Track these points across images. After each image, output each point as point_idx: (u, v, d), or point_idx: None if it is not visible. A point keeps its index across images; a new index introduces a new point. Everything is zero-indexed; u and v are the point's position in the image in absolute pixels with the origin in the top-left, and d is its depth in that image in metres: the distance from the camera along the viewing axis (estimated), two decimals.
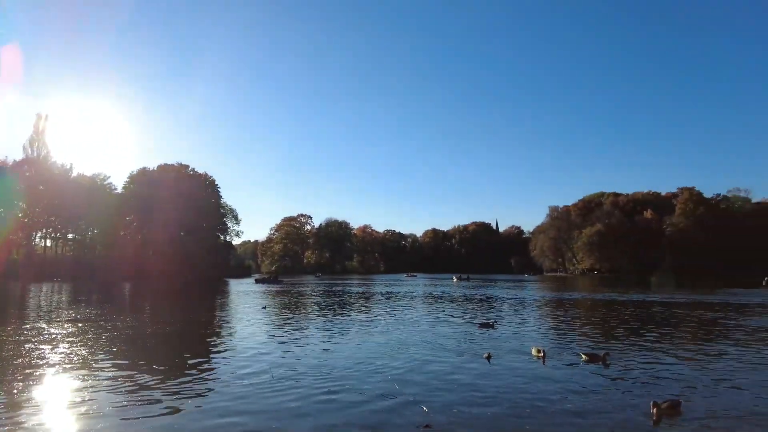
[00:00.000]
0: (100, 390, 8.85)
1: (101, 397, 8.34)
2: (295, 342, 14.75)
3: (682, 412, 7.29)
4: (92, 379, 9.74)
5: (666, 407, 7.24)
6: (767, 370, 10.58)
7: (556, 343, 14.35)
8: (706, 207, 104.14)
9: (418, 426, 6.93)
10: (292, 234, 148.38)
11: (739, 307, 25.60)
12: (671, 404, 7.34)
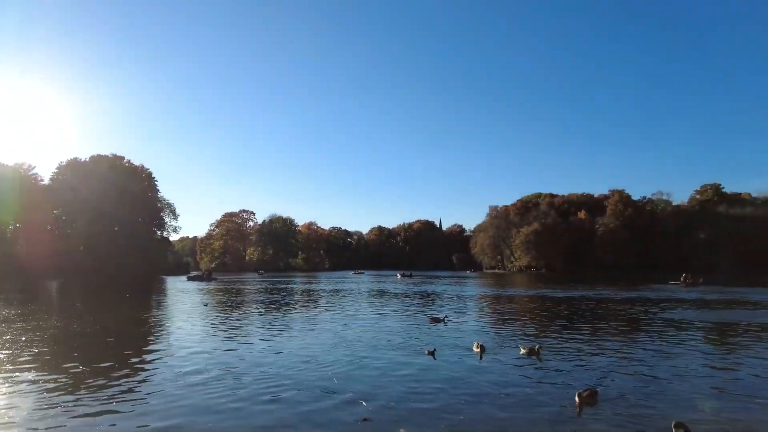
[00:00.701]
0: (17, 395, 8.31)
1: (18, 403, 7.84)
2: (235, 340, 14.48)
3: (599, 399, 7.80)
4: (9, 383, 9.12)
5: (587, 396, 7.74)
6: (679, 358, 11.50)
7: (496, 337, 14.91)
8: (633, 208, 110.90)
9: (357, 420, 7.03)
10: (233, 230, 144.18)
11: (659, 302, 27.59)
12: (590, 393, 7.86)
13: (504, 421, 7.00)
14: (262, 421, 7.04)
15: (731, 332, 16.07)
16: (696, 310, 23.00)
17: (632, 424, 6.80)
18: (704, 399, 8.14)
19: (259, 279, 69.56)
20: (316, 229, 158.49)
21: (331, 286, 47.49)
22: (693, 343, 13.92)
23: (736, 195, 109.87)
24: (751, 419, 7.06)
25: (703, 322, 18.42)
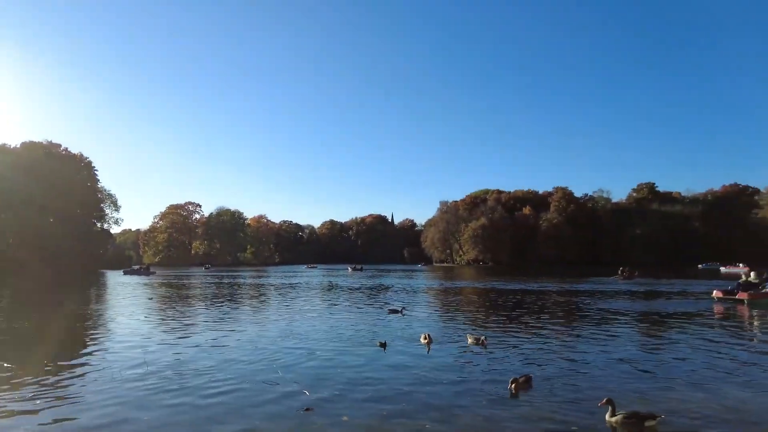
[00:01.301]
0: None
1: None
2: (179, 334, 14.05)
3: (533, 385, 8.16)
4: None
5: (522, 381, 8.07)
6: (611, 345, 12.18)
7: (444, 328, 15.21)
8: (575, 205, 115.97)
9: (299, 410, 7.01)
10: (178, 223, 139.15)
11: (596, 294, 29.04)
12: (525, 378, 8.20)
13: (445, 407, 7.18)
14: (202, 415, 6.87)
15: (659, 320, 17.15)
16: (629, 301, 24.39)
17: (564, 406, 7.15)
18: (632, 381, 8.68)
19: (206, 273, 67.62)
20: (266, 222, 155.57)
21: (281, 281, 46.88)
22: (625, 330, 14.77)
23: (668, 193, 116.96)
24: (671, 398, 7.60)
25: (635, 312, 19.56)
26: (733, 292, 23.24)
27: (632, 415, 6.28)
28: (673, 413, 6.80)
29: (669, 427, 6.31)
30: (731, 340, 12.85)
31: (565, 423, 6.48)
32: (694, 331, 14.40)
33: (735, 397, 7.64)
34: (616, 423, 6.24)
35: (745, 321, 17.46)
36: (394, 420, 6.61)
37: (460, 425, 6.40)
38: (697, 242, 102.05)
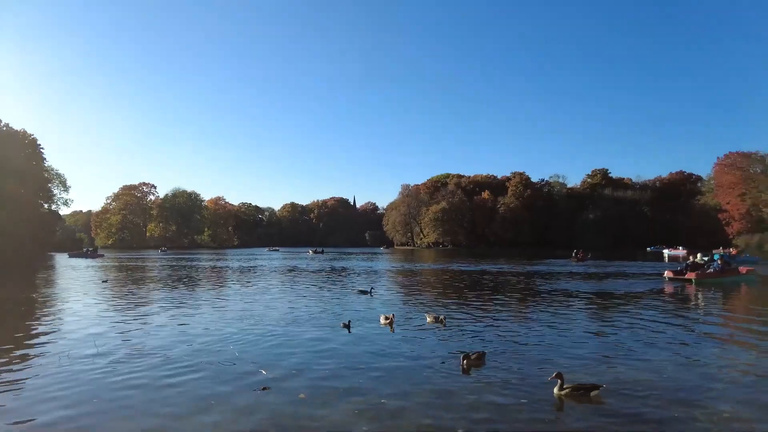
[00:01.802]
0: None
1: None
2: (133, 317, 13.65)
3: (485, 362, 8.41)
4: None
5: (474, 358, 8.30)
6: (564, 323, 12.69)
7: (405, 308, 15.43)
8: (532, 190, 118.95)
9: (256, 389, 6.99)
10: (132, 204, 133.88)
11: (551, 275, 30.06)
12: (478, 355, 8.44)
13: (402, 384, 7.33)
14: (155, 397, 6.75)
15: (611, 300, 17.97)
16: (582, 282, 25.40)
17: (514, 381, 7.42)
18: (581, 356, 9.08)
19: (162, 256, 65.68)
20: (224, 204, 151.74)
21: (240, 263, 46.16)
22: (577, 309, 15.41)
23: (620, 179, 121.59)
24: (615, 371, 8.01)
25: (588, 292, 20.40)
26: (683, 272, 24.76)
27: (579, 387, 6.59)
28: (614, 384, 7.19)
29: (610, 396, 6.66)
30: (674, 318, 13.63)
31: (515, 397, 6.73)
32: (641, 309, 15.18)
33: (672, 369, 8.13)
34: (564, 395, 6.54)
35: (691, 299, 18.57)
36: (351, 397, 6.69)
37: (415, 401, 6.55)
38: (645, 226, 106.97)
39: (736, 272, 25.54)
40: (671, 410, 6.14)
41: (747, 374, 7.85)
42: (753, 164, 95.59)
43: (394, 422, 5.76)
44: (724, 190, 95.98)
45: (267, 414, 6.04)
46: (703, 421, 5.78)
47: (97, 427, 5.67)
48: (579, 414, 6.07)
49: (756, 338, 10.97)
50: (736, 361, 8.82)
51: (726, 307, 16.97)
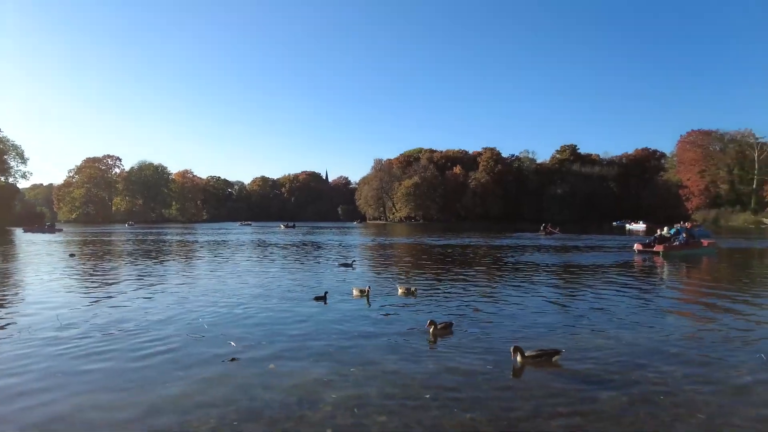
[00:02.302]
0: None
1: None
2: (97, 294, 13.30)
3: (452, 332, 8.59)
4: None
5: (441, 327, 8.46)
6: (531, 295, 13.02)
7: (377, 280, 15.53)
8: (502, 165, 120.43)
9: (224, 360, 6.96)
10: (96, 177, 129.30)
11: (520, 248, 30.70)
12: (445, 325, 8.60)
13: (371, 353, 7.41)
14: (120, 370, 6.64)
15: (580, 272, 18.49)
16: (550, 255, 26.02)
17: (479, 350, 7.59)
18: (545, 325, 9.36)
19: (129, 230, 64.11)
20: (192, 177, 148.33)
21: (210, 238, 45.49)
22: (544, 281, 15.81)
23: (588, 155, 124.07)
24: (579, 337, 8.30)
25: (555, 264, 20.93)
26: (651, 245, 25.76)
27: (540, 354, 6.79)
28: (576, 349, 7.45)
29: (571, 361, 6.91)
30: (638, 288, 14.13)
31: (481, 364, 6.90)
32: (608, 281, 15.69)
33: (631, 336, 8.47)
34: (525, 363, 6.71)
35: (656, 271, 19.32)
36: (320, 367, 6.73)
37: (383, 370, 6.64)
38: (611, 201, 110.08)
39: (700, 245, 26.81)
40: (629, 373, 6.41)
41: (701, 339, 8.25)
42: (713, 142, 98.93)
43: (362, 390, 5.84)
44: (685, 167, 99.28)
45: (235, 385, 6.03)
46: (657, 383, 6.06)
47: (61, 401, 5.55)
48: (541, 378, 6.28)
49: (712, 307, 11.50)
50: (693, 328, 9.24)
51: (688, 279, 17.70)
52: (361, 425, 4.89)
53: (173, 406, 5.38)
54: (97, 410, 5.30)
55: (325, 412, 5.19)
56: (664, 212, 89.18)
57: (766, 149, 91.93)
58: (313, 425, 4.88)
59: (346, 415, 5.12)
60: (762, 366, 6.75)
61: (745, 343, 7.93)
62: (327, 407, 5.33)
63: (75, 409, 5.33)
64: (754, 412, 5.19)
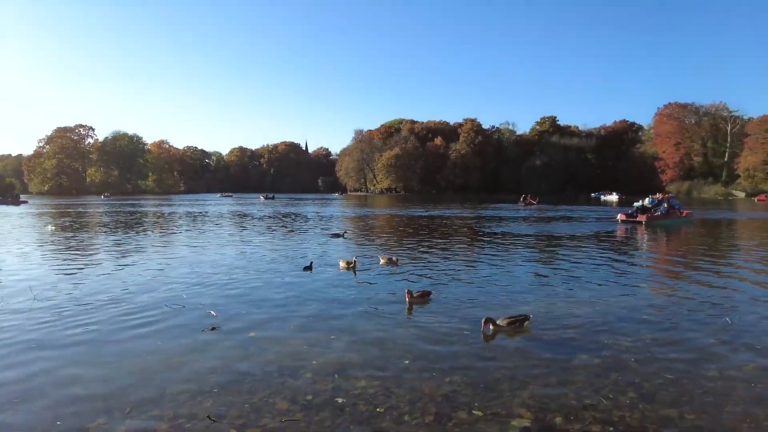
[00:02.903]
0: None
1: None
2: (75, 266, 13.07)
3: (430, 300, 8.66)
4: None
5: (417, 296, 8.53)
6: (508, 264, 13.25)
7: (360, 251, 15.58)
8: (483, 136, 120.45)
9: (204, 329, 6.95)
10: (68, 148, 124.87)
11: (500, 219, 31.07)
12: (422, 294, 8.68)
13: (351, 320, 7.49)
14: (97, 341, 6.58)
15: (559, 241, 18.85)
16: (528, 225, 26.43)
17: (454, 319, 7.72)
18: (521, 293, 9.56)
19: (104, 202, 62.72)
20: (168, 148, 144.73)
21: (188, 209, 44.84)
22: (522, 251, 16.08)
23: (567, 127, 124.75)
24: (555, 305, 8.51)
25: (533, 235, 21.28)
26: (634, 215, 26.85)
27: (512, 321, 6.93)
28: (550, 315, 7.66)
29: (545, 326, 7.09)
30: (614, 257, 14.51)
31: (456, 331, 7.04)
32: (584, 250, 16.06)
33: (604, 302, 8.72)
34: (498, 331, 6.84)
35: (637, 240, 19.99)
36: (301, 334, 6.79)
37: (363, 336, 6.73)
38: (589, 172, 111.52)
39: (678, 215, 28.28)
40: (601, 338, 6.61)
41: (671, 305, 8.54)
42: (689, 115, 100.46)
43: (342, 357, 5.91)
44: (661, 139, 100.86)
45: (215, 354, 6.04)
46: (627, 346, 6.28)
47: (39, 375, 5.49)
48: (516, 344, 6.43)
49: (683, 276, 11.90)
50: (664, 295, 9.57)
51: (663, 248, 18.22)
52: (341, 390, 4.96)
53: (153, 376, 5.38)
54: (76, 383, 5.25)
55: (305, 379, 5.25)
56: (640, 184, 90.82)
57: (738, 123, 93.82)
58: (294, 392, 4.93)
59: (326, 381, 5.19)
60: (726, 329, 7.04)
61: (712, 309, 8.23)
62: (307, 374, 5.39)
63: (53, 382, 5.28)
64: (717, 372, 5.43)
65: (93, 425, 4.25)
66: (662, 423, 4.27)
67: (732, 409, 4.55)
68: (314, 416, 4.41)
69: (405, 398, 4.78)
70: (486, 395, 4.85)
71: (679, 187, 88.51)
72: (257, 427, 4.21)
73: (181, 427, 4.20)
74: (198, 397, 4.82)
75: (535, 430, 4.16)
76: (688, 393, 4.89)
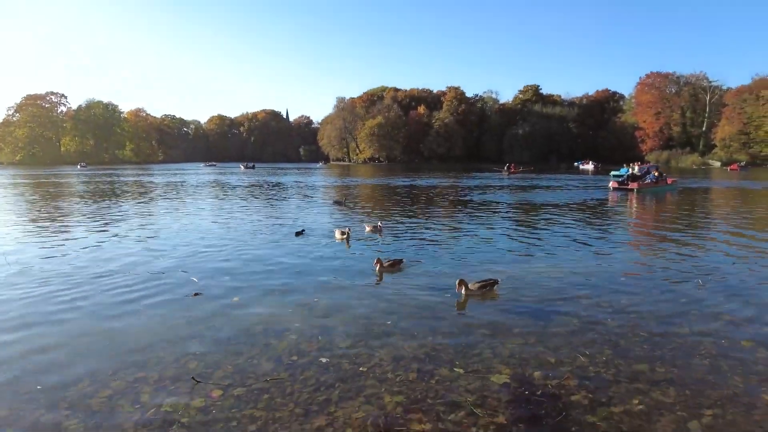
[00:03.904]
0: None
1: None
2: (53, 236, 12.85)
3: (402, 268, 8.58)
4: None
5: (388, 265, 8.43)
6: (487, 230, 13.41)
7: (344, 219, 15.65)
8: (466, 105, 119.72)
9: (187, 295, 6.94)
10: (40, 116, 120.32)
11: (483, 187, 31.26)
12: (392, 262, 8.56)
13: (334, 285, 7.56)
14: (83, 312, 6.53)
15: (533, 210, 19.08)
16: (510, 194, 26.68)
17: (433, 284, 7.82)
18: (502, 260, 9.72)
19: (80, 172, 61.22)
20: (146, 116, 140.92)
21: (167, 179, 44.09)
22: (505, 218, 16.28)
23: (549, 96, 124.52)
24: (536, 269, 8.69)
25: (513, 203, 21.54)
26: (626, 183, 27.85)
27: (483, 285, 7.04)
28: (529, 278, 7.83)
29: (523, 287, 7.26)
30: (595, 223, 14.82)
31: (438, 294, 7.15)
32: (567, 217, 16.34)
33: (583, 266, 8.93)
34: (471, 294, 6.96)
35: (626, 206, 20.65)
36: (285, 299, 6.83)
37: (346, 300, 6.81)
38: (571, 142, 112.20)
39: (666, 182, 29.62)
40: (579, 299, 6.80)
41: (647, 268, 8.81)
42: (669, 85, 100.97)
43: (326, 320, 5.99)
44: (642, 109, 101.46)
45: (199, 318, 6.04)
46: (604, 306, 6.47)
47: (21, 342, 5.45)
48: (495, 305, 6.57)
49: (661, 240, 12.21)
50: (641, 259, 9.85)
51: (651, 213, 18.68)
52: (325, 351, 5.04)
53: (135, 341, 5.37)
54: (58, 348, 5.23)
55: (290, 340, 5.31)
56: (621, 153, 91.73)
57: (717, 93, 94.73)
58: (279, 353, 4.99)
59: (310, 342, 5.26)
60: (698, 290, 7.29)
61: (686, 271, 8.50)
62: (292, 335, 5.45)
63: (34, 348, 5.25)
64: (687, 329, 5.65)
65: (76, 388, 4.26)
66: (635, 376, 4.45)
67: (700, 362, 4.76)
68: (299, 375, 4.48)
69: (388, 357, 4.88)
70: (467, 353, 4.98)
71: (658, 156, 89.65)
72: (243, 386, 4.27)
73: (165, 389, 4.23)
74: (182, 359, 4.84)
75: (515, 384, 4.31)
76: (660, 349, 5.09)
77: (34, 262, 9.15)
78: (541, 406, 3.93)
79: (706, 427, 3.63)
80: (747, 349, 5.11)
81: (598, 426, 3.62)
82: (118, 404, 3.98)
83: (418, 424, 3.66)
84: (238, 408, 3.90)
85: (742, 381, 4.37)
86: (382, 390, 4.20)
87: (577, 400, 4.01)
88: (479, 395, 4.10)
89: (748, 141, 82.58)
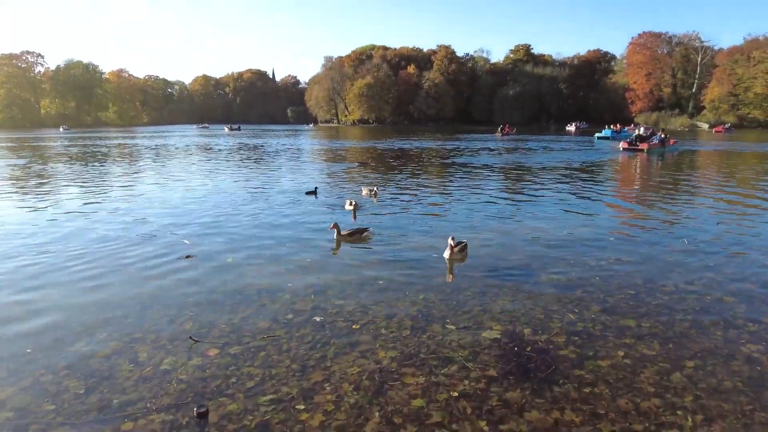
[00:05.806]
0: None
1: None
2: (40, 200, 12.66)
3: (365, 238, 8.14)
4: None
5: (346, 234, 7.98)
6: (477, 193, 13.45)
7: (340, 183, 15.60)
8: (456, 64, 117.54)
9: (179, 258, 6.95)
10: (16, 77, 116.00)
11: (475, 150, 31.07)
12: (351, 232, 8.05)
13: (325, 246, 7.62)
14: (76, 270, 6.53)
15: (524, 172, 19.11)
16: (502, 156, 26.60)
17: (422, 245, 7.91)
18: (491, 222, 9.81)
19: (62, 135, 59.80)
20: (128, 77, 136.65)
21: (152, 142, 43.29)
22: (490, 181, 16.30)
23: (541, 56, 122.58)
24: (525, 229, 8.80)
25: (504, 165, 21.49)
26: (635, 144, 29.14)
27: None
28: (515, 238, 7.94)
29: (510, 247, 7.37)
30: (588, 185, 14.89)
31: (425, 257, 7.23)
32: (560, 179, 16.39)
33: (572, 227, 9.05)
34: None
35: (631, 166, 21.48)
36: (278, 259, 6.87)
37: (337, 261, 6.90)
38: (561, 102, 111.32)
39: (668, 143, 31.45)
40: (568, 258, 6.93)
41: (635, 228, 8.97)
42: (661, 45, 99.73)
43: (319, 278, 6.06)
44: (633, 69, 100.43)
45: (192, 279, 6.07)
46: (592, 265, 6.60)
47: (18, 304, 5.45)
48: (485, 264, 6.68)
49: (651, 201, 12.37)
50: (630, 219, 10.01)
51: (636, 176, 18.82)
52: (320, 309, 5.12)
53: (130, 303, 5.40)
54: (53, 311, 5.24)
55: (284, 300, 5.38)
56: (611, 114, 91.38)
57: (709, 53, 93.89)
58: (274, 312, 5.06)
59: (305, 301, 5.34)
60: (683, 248, 7.46)
61: (673, 231, 8.67)
62: (286, 295, 5.52)
63: (30, 311, 5.26)
64: (672, 286, 5.80)
65: (73, 349, 4.30)
66: (622, 331, 4.60)
67: (683, 318, 4.91)
68: (295, 333, 4.57)
69: (381, 315, 4.97)
70: (458, 311, 5.09)
71: (647, 118, 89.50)
72: (239, 345, 4.34)
73: (163, 348, 4.29)
74: (178, 320, 4.90)
75: (505, 340, 4.43)
76: (645, 305, 5.24)
77: (24, 228, 9.05)
78: (530, 360, 4.06)
79: (687, 377, 3.79)
80: (728, 303, 5.28)
81: (585, 378, 3.76)
82: (116, 363, 4.04)
83: (411, 378, 3.77)
84: (236, 365, 3.98)
85: (723, 334, 4.54)
86: (376, 346, 4.30)
87: (566, 355, 4.15)
88: (471, 350, 4.22)
89: (737, 103, 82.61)
